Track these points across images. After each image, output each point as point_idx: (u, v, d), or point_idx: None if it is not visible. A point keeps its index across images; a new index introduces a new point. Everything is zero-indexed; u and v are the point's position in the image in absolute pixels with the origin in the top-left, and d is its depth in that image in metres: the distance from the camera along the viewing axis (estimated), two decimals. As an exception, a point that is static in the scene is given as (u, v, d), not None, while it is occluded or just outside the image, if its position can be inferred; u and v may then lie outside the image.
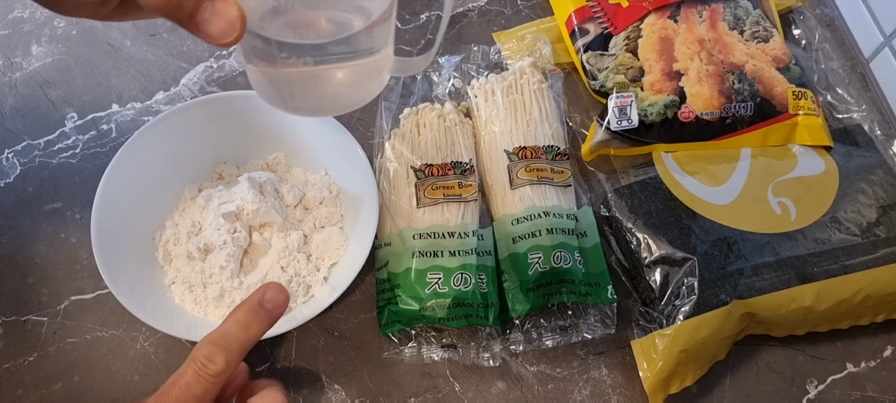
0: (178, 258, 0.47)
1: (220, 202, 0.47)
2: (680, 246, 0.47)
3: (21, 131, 0.56)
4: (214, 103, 0.50)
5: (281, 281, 0.47)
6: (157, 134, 0.48)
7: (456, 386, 0.47)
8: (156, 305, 0.45)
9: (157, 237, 0.49)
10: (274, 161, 0.52)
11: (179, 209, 0.50)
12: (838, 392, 0.47)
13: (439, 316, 0.45)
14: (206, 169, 0.52)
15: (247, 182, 0.47)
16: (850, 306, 0.46)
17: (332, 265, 0.48)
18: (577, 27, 0.58)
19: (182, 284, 0.46)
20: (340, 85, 0.40)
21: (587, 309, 0.47)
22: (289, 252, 0.48)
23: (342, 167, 0.51)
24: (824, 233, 0.48)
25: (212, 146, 0.51)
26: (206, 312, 0.46)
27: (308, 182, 0.51)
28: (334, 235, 0.49)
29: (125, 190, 0.47)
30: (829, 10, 0.63)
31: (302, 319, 0.43)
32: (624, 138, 0.52)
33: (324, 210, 0.50)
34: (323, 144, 0.51)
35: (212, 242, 0.46)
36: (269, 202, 0.47)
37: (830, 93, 0.57)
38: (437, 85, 0.57)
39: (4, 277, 0.49)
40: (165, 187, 0.50)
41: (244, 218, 0.47)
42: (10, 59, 0.59)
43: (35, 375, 0.46)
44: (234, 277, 0.46)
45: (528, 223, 0.48)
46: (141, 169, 0.48)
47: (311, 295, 0.47)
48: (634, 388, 0.47)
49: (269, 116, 0.50)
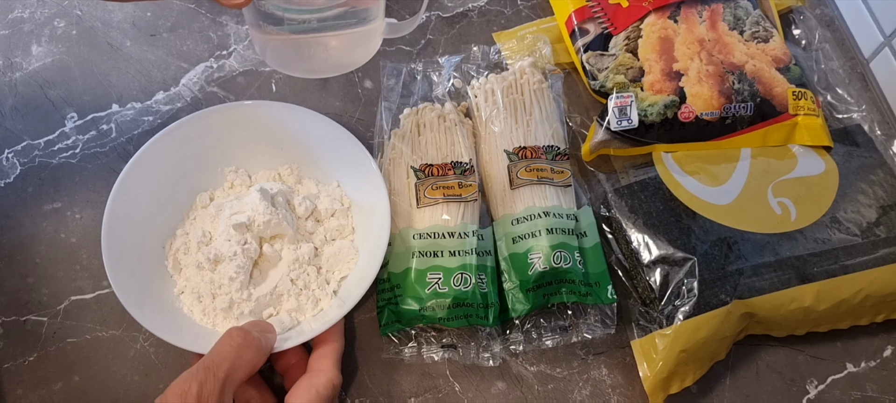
0: (188, 267, 0.47)
1: (232, 212, 0.47)
2: (680, 246, 0.47)
3: (21, 131, 0.56)
4: (227, 111, 0.50)
5: (290, 294, 0.46)
6: (170, 142, 0.48)
7: (456, 386, 0.47)
8: (164, 314, 0.44)
9: (167, 245, 0.48)
10: (286, 171, 0.52)
11: (190, 218, 0.49)
12: (838, 392, 0.47)
13: (439, 316, 0.45)
14: (218, 177, 0.51)
15: (258, 193, 0.46)
16: (850, 306, 0.46)
17: (342, 278, 0.48)
18: (577, 27, 0.58)
19: (191, 294, 0.46)
20: (336, 49, 0.44)
21: (587, 309, 0.47)
22: (299, 264, 0.47)
23: (354, 179, 0.50)
24: (824, 233, 0.48)
25: (224, 154, 0.51)
26: (214, 323, 0.45)
27: (320, 193, 0.51)
28: (345, 248, 0.48)
29: (137, 198, 0.47)
30: (829, 10, 0.63)
31: (310, 333, 0.43)
32: (624, 138, 0.53)
33: (335, 222, 0.49)
34: (335, 155, 0.50)
35: (222, 253, 0.45)
36: (280, 213, 0.46)
37: (830, 94, 0.57)
38: (437, 85, 0.57)
39: (4, 277, 0.50)
40: (177, 195, 0.49)
41: (255, 229, 0.46)
42: (10, 59, 0.59)
43: (35, 375, 0.46)
44: (244, 288, 0.45)
45: (528, 223, 0.48)
46: (153, 177, 0.48)
47: (320, 309, 0.47)
48: (634, 388, 0.47)
49: (282, 126, 0.50)
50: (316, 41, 0.43)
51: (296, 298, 0.46)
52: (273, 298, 0.46)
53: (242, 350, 0.39)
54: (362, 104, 0.58)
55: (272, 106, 0.50)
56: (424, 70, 0.58)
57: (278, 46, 0.44)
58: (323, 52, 0.45)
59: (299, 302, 0.46)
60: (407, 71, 0.58)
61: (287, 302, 0.46)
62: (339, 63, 0.46)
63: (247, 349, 0.39)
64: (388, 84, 0.57)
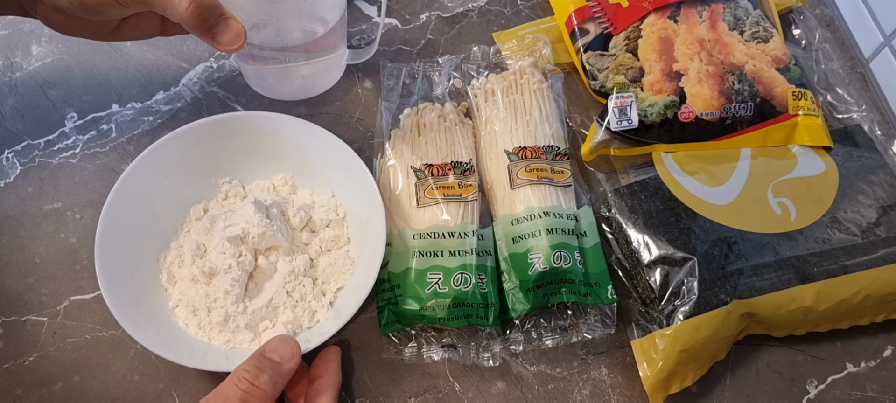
0: (183, 280, 0.47)
1: (226, 225, 0.46)
2: (680, 246, 0.47)
3: (21, 131, 0.56)
4: (220, 123, 0.50)
5: (286, 306, 0.46)
6: (162, 154, 0.48)
7: (456, 386, 0.47)
8: (159, 328, 0.44)
9: (161, 258, 0.48)
10: (280, 181, 0.52)
11: (184, 230, 0.49)
12: (838, 392, 0.47)
13: (439, 316, 0.45)
14: (212, 188, 0.51)
15: (253, 204, 0.46)
16: (850, 306, 0.46)
17: (338, 290, 0.48)
18: (577, 27, 0.58)
19: (186, 308, 0.46)
20: (309, 76, 0.54)
21: (587, 309, 0.47)
22: (295, 276, 0.47)
23: (349, 188, 0.50)
24: (824, 233, 0.48)
25: (217, 165, 0.51)
26: (209, 337, 0.45)
27: (314, 204, 0.50)
28: (340, 259, 0.48)
29: (130, 211, 0.46)
30: (829, 10, 0.63)
31: (306, 346, 0.42)
32: (624, 138, 0.53)
33: (330, 232, 0.49)
34: (330, 165, 0.50)
35: (217, 266, 0.45)
36: (275, 225, 0.46)
37: (830, 94, 0.57)
38: (437, 85, 0.57)
39: (4, 277, 0.50)
40: (170, 207, 0.49)
41: (250, 241, 0.46)
42: (10, 59, 0.59)
43: (35, 375, 0.46)
44: (239, 301, 0.45)
45: (528, 223, 0.48)
46: (145, 189, 0.48)
47: (316, 321, 0.46)
48: (634, 388, 0.47)
49: (275, 136, 0.50)
50: (291, 70, 0.52)
51: (292, 310, 0.46)
52: (269, 311, 0.46)
53: (249, 397, 0.38)
54: (362, 104, 0.58)
55: (265, 116, 0.50)
56: (424, 70, 0.58)
57: (260, 75, 0.53)
58: (298, 79, 0.54)
59: (295, 314, 0.46)
60: (407, 71, 0.58)
61: (283, 314, 0.46)
62: (312, 87, 0.55)
63: (252, 398, 0.38)
64: (388, 84, 0.57)
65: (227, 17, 0.44)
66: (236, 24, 0.44)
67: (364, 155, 0.51)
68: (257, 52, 0.51)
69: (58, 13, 0.46)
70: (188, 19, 0.42)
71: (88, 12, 0.45)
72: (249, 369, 0.39)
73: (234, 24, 0.44)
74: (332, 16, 0.51)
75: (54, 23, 0.47)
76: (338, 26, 0.51)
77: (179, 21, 0.43)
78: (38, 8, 0.47)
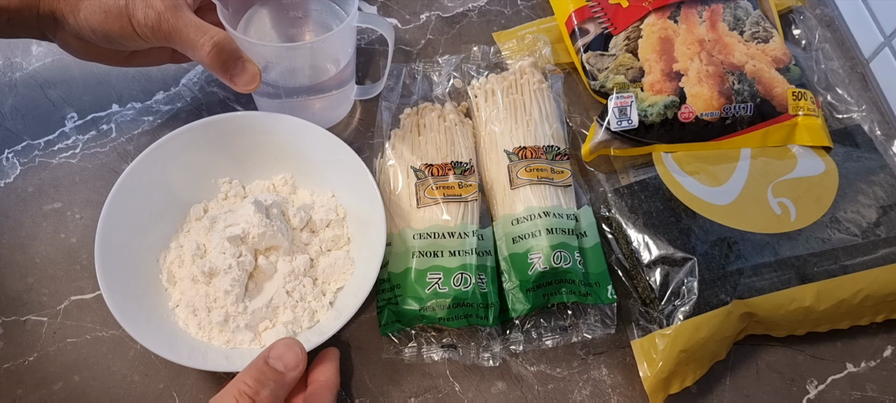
0: (183, 280, 0.47)
1: (226, 225, 0.46)
2: (680, 246, 0.47)
3: (21, 131, 0.56)
4: (221, 123, 0.50)
5: (286, 306, 0.46)
6: (162, 154, 0.48)
7: (456, 386, 0.47)
8: (159, 328, 0.44)
9: (161, 258, 0.48)
10: (280, 181, 0.52)
11: (184, 230, 0.49)
12: (838, 392, 0.47)
13: (439, 316, 0.45)
14: (212, 188, 0.51)
15: (253, 205, 0.46)
16: (850, 306, 0.46)
17: (338, 290, 0.48)
18: (577, 27, 0.58)
19: (186, 308, 0.46)
20: (320, 110, 0.56)
21: (587, 309, 0.47)
22: (295, 276, 0.47)
23: (349, 188, 0.50)
24: (824, 233, 0.48)
25: (217, 166, 0.51)
26: (210, 337, 0.45)
27: (314, 204, 0.50)
28: (340, 259, 0.48)
29: (129, 211, 0.46)
30: (829, 10, 0.63)
31: (306, 346, 0.42)
32: (624, 138, 0.53)
33: (330, 232, 0.49)
34: (330, 165, 0.50)
35: (216, 266, 0.45)
36: (275, 225, 0.46)
37: (830, 94, 0.57)
38: (437, 85, 0.57)
39: (4, 277, 0.49)
40: (171, 207, 0.49)
41: (250, 241, 0.46)
42: (10, 59, 0.59)
43: (35, 375, 0.46)
44: (239, 302, 0.45)
45: (528, 223, 0.48)
46: (145, 190, 0.47)
47: (316, 321, 0.46)
48: (634, 388, 0.47)
49: (276, 136, 0.50)
50: (304, 103, 0.54)
51: (292, 310, 0.46)
52: (269, 311, 0.46)
53: None
54: (362, 104, 0.58)
55: (265, 116, 0.50)
56: (424, 70, 0.58)
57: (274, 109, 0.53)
58: (310, 112, 0.55)
59: (295, 314, 0.46)
60: (407, 71, 0.58)
61: (283, 314, 0.46)
62: (323, 119, 0.56)
63: None
64: (388, 84, 0.57)
65: (245, 60, 0.45)
66: (252, 67, 0.46)
67: (364, 155, 0.51)
68: (272, 90, 0.52)
69: (78, 40, 0.48)
70: (208, 61, 0.45)
71: (110, 42, 0.47)
72: (251, 383, 0.39)
73: (251, 67, 0.46)
74: (343, 55, 0.52)
75: (72, 48, 0.49)
76: (348, 64, 0.53)
77: (200, 62, 0.45)
78: (58, 34, 0.48)
